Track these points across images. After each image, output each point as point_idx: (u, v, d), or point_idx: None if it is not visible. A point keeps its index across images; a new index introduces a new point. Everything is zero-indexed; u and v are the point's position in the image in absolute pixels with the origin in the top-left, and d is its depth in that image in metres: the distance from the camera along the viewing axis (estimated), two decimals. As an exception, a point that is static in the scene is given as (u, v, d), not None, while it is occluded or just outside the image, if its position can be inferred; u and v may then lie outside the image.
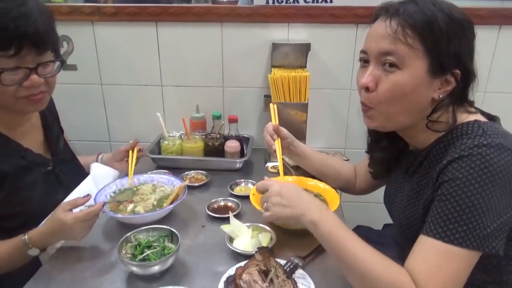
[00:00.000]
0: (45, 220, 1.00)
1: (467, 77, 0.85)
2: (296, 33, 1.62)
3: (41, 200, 1.08)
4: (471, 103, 0.91)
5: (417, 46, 0.82)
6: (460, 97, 0.87)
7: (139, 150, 1.37)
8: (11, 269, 1.02)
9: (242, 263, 0.89)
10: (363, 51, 0.90)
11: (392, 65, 0.84)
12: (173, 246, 0.97)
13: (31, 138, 1.15)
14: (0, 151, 1.04)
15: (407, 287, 0.78)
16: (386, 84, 0.85)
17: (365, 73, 0.89)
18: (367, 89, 0.88)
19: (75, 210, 0.99)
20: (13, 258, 1.00)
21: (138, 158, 1.36)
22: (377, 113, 0.89)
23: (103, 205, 1.02)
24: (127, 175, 1.30)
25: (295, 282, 0.87)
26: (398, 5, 0.85)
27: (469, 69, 0.85)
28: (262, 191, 1.00)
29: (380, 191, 1.21)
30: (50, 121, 1.24)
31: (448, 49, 0.81)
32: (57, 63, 1.06)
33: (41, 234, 0.98)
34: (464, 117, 0.88)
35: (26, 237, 0.98)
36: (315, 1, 1.57)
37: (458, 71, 0.84)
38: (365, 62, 0.90)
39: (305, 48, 1.61)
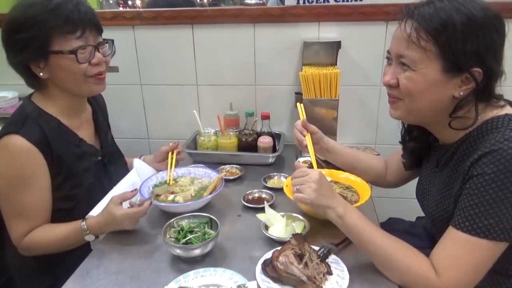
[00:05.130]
0: (101, 211, 1.11)
1: (489, 74, 0.85)
2: (327, 32, 1.66)
3: (90, 186, 1.20)
4: (499, 97, 0.91)
5: (430, 48, 0.84)
6: (483, 93, 0.87)
7: (178, 153, 1.43)
8: (67, 249, 1.14)
9: (279, 248, 0.94)
10: (388, 51, 0.96)
11: (406, 64, 0.88)
12: (212, 232, 1.03)
13: (85, 131, 1.27)
14: (61, 139, 1.16)
15: (426, 272, 0.84)
16: (403, 80, 0.90)
17: (388, 71, 0.95)
18: (390, 85, 0.94)
19: (124, 203, 1.10)
20: (71, 241, 1.12)
21: (177, 161, 1.42)
22: (402, 104, 0.94)
23: (150, 205, 1.11)
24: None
25: (329, 266, 0.91)
26: (414, 8, 0.88)
27: (491, 67, 0.84)
28: (300, 177, 1.00)
29: (411, 187, 1.23)
30: (101, 117, 1.36)
31: (465, 49, 0.82)
32: (109, 46, 1.21)
33: (97, 224, 1.09)
34: (495, 113, 0.89)
35: (85, 224, 1.09)
36: None
37: (479, 69, 0.84)
38: (390, 60, 0.96)
39: (335, 46, 1.64)
